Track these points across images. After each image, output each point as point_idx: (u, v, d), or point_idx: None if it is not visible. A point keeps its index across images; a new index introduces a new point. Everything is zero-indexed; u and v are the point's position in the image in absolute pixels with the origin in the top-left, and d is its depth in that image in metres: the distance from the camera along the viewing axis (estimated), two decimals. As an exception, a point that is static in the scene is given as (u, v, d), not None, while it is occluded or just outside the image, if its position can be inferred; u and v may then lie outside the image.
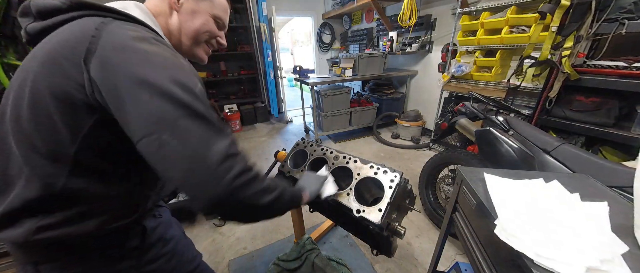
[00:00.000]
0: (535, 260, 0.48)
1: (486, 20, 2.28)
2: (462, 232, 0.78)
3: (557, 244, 0.50)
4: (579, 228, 0.54)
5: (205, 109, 0.46)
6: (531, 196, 0.65)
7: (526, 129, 1.34)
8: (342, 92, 3.41)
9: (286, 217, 2.01)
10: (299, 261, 1.43)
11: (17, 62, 1.62)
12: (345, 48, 4.92)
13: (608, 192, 0.73)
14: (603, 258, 0.47)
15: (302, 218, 1.56)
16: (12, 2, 1.49)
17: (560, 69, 1.64)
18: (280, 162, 1.15)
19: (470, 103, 1.71)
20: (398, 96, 3.75)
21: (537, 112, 1.83)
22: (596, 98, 1.65)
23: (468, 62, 2.55)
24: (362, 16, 4.46)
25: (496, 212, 0.60)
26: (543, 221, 0.56)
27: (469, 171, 0.79)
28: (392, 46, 3.47)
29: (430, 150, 3.13)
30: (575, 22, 1.55)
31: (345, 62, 3.37)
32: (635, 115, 1.53)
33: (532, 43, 1.80)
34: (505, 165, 1.27)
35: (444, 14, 3.00)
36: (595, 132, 1.64)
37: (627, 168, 0.97)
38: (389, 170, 0.86)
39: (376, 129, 3.65)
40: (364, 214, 0.78)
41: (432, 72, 3.27)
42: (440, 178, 1.85)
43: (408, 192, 0.91)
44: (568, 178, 0.76)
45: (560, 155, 1.15)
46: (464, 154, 1.62)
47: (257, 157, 3.20)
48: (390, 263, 1.58)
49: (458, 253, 1.62)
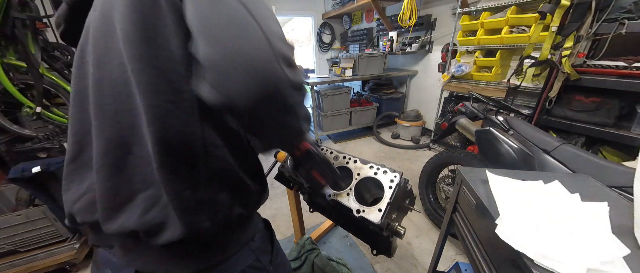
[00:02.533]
0: (536, 260, 0.48)
1: (486, 20, 2.28)
2: (462, 232, 0.78)
3: (558, 244, 0.50)
4: (580, 229, 0.54)
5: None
6: (532, 196, 0.65)
7: (526, 129, 1.34)
8: (342, 92, 3.41)
9: (286, 217, 2.02)
10: (299, 261, 1.43)
11: (17, 62, 1.62)
12: (345, 48, 4.92)
13: (608, 192, 0.73)
14: (604, 259, 0.47)
15: (302, 218, 1.56)
16: (12, 2, 1.49)
17: (560, 69, 1.64)
18: (280, 162, 1.14)
19: (470, 103, 1.71)
20: (398, 96, 3.75)
21: (537, 112, 1.83)
22: (596, 98, 1.65)
23: (468, 62, 2.55)
24: (362, 16, 4.46)
25: (498, 211, 0.60)
26: (543, 221, 0.56)
27: (469, 171, 0.79)
28: (392, 46, 3.47)
29: (430, 150, 3.13)
30: (575, 22, 1.55)
31: (345, 62, 3.37)
32: (635, 115, 1.53)
33: (532, 43, 1.80)
34: (505, 165, 1.27)
35: (444, 14, 3.00)
36: (595, 132, 1.64)
37: (627, 168, 0.97)
38: (389, 170, 0.86)
39: (376, 129, 3.65)
40: (363, 214, 0.78)
41: (432, 72, 3.27)
42: (440, 178, 1.85)
43: (408, 192, 0.91)
44: (568, 179, 0.76)
45: (560, 155, 1.15)
46: (464, 154, 1.62)
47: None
48: (390, 263, 1.58)
49: (458, 253, 1.62)
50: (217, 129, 0.45)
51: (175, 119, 0.40)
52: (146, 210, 0.43)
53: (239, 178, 0.50)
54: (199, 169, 0.43)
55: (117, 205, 0.44)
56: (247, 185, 0.51)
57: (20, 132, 1.71)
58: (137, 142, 0.42)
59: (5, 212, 1.47)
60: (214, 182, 0.46)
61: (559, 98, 1.75)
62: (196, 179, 0.43)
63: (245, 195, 0.52)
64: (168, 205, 0.43)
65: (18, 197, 1.55)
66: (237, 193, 0.50)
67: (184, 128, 0.41)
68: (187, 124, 0.41)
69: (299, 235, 1.57)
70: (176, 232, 0.43)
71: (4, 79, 1.57)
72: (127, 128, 0.42)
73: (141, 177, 0.43)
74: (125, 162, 0.43)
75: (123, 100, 0.41)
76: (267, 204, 2.21)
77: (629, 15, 1.43)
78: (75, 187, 0.48)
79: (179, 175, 0.42)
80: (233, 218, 0.49)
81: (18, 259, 1.40)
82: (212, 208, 0.46)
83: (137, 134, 0.42)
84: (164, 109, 0.39)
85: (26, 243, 1.43)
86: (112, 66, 0.40)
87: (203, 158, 0.43)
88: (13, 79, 1.62)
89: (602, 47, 1.60)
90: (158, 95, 0.38)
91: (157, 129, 0.39)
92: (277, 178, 1.12)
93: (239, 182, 0.50)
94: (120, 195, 0.43)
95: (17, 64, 1.62)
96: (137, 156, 0.43)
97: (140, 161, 0.43)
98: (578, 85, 1.67)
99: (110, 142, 0.42)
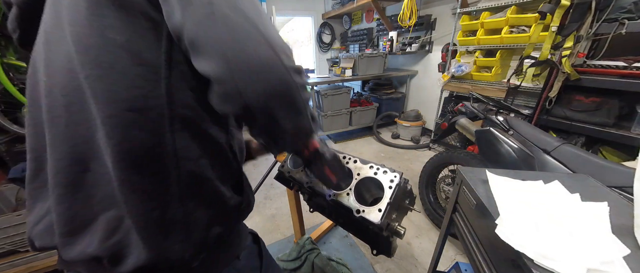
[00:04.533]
0: (536, 260, 0.48)
1: (486, 20, 2.28)
2: (462, 232, 0.78)
3: (558, 244, 0.50)
4: (580, 229, 0.54)
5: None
6: (532, 196, 0.65)
7: (526, 129, 1.34)
8: (342, 92, 3.41)
9: (286, 217, 2.02)
10: (299, 261, 1.43)
11: (17, 62, 1.62)
12: (345, 48, 4.92)
13: (608, 192, 0.72)
14: (604, 259, 0.47)
15: (302, 218, 1.56)
16: (12, 2, 1.49)
17: (560, 69, 1.64)
18: (280, 162, 1.14)
19: (470, 103, 1.71)
20: (398, 96, 3.75)
21: (537, 112, 1.83)
22: (596, 98, 1.65)
23: (468, 62, 2.55)
24: (362, 16, 4.46)
25: (498, 211, 0.60)
26: (543, 221, 0.56)
27: (469, 171, 0.79)
28: (392, 46, 3.47)
29: (430, 150, 3.13)
30: (575, 22, 1.55)
31: (345, 62, 3.37)
32: (635, 115, 1.53)
33: (532, 43, 1.80)
34: (505, 165, 1.27)
35: (444, 14, 3.00)
36: (595, 132, 1.64)
37: (627, 169, 0.97)
38: (388, 170, 0.86)
39: (376, 129, 3.65)
40: (363, 214, 0.78)
41: (432, 72, 3.26)
42: (440, 178, 1.85)
43: (408, 192, 0.91)
44: (568, 179, 0.76)
45: (560, 155, 1.14)
46: (464, 154, 1.62)
47: (257, 157, 3.20)
48: (390, 263, 1.58)
49: (458, 253, 1.61)
50: (194, 138, 0.41)
51: (139, 129, 0.36)
52: (109, 233, 0.38)
53: (218, 192, 0.45)
54: (169, 186, 0.39)
55: (75, 229, 0.39)
56: (226, 199, 0.47)
57: (20, 132, 1.71)
58: (94, 157, 0.38)
59: (5, 212, 1.46)
60: (187, 200, 0.41)
61: (559, 98, 1.75)
62: (165, 197, 0.39)
63: (225, 211, 0.47)
64: (131, 229, 0.38)
65: (18, 197, 1.55)
66: (215, 210, 0.45)
67: (150, 139, 0.37)
68: (155, 134, 0.37)
69: (299, 235, 1.57)
70: (141, 257, 0.38)
71: (4, 79, 1.57)
72: (81, 142, 0.37)
73: (101, 197, 0.39)
74: (82, 181, 0.38)
75: (75, 111, 0.37)
76: (267, 204, 2.21)
77: (629, 15, 1.43)
78: (39, 206, 0.43)
79: (145, 194, 0.38)
80: (210, 239, 0.45)
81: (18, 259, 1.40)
82: (185, 229, 0.41)
83: (93, 148, 0.37)
84: (126, 118, 0.35)
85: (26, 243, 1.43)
86: (63, 73, 0.36)
87: (174, 173, 0.39)
88: (13, 79, 1.62)
89: (602, 47, 1.60)
90: (118, 104, 0.35)
91: (118, 141, 0.35)
92: (277, 178, 1.12)
93: (217, 197, 0.46)
94: (79, 218, 0.39)
95: (17, 64, 1.63)
96: (96, 173, 0.38)
97: (100, 179, 0.38)
98: (578, 85, 1.67)
99: (64, 158, 0.38)
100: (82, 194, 0.39)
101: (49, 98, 0.38)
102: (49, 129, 0.39)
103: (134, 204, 0.37)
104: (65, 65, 0.36)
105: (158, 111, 0.37)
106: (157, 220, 0.39)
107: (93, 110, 0.35)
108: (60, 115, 0.37)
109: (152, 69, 0.36)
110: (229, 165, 0.49)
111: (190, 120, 0.40)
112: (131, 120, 0.35)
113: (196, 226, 0.43)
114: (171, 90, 0.38)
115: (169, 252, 0.40)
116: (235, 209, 0.49)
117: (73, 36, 0.34)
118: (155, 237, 0.39)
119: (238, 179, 0.53)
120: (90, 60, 0.34)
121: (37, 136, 0.42)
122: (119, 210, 0.39)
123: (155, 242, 0.39)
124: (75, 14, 0.34)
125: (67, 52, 0.35)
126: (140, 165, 0.37)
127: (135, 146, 0.36)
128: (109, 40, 0.34)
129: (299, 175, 1.00)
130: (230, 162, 0.49)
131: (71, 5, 0.35)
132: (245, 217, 0.55)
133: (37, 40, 0.42)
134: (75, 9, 0.34)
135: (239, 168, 0.53)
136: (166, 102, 0.37)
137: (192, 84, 0.40)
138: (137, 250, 0.39)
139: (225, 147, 0.47)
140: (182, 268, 0.43)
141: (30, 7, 0.43)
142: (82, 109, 0.36)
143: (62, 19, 0.36)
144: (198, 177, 0.42)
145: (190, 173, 0.41)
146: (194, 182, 0.42)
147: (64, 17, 0.35)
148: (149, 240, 0.38)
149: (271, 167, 1.28)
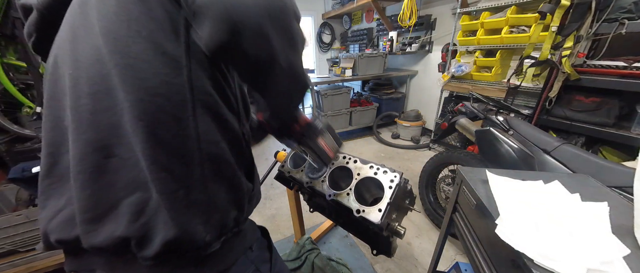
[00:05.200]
0: (536, 260, 0.48)
1: (486, 20, 2.28)
2: (462, 232, 0.78)
3: (558, 244, 0.50)
4: (580, 229, 0.54)
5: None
6: (532, 196, 0.65)
7: (526, 129, 1.34)
8: (342, 92, 3.41)
9: (286, 217, 2.02)
10: (299, 261, 1.43)
11: (17, 62, 1.62)
12: (345, 48, 4.92)
13: (608, 192, 0.73)
14: (604, 259, 0.47)
15: (302, 218, 1.56)
16: (12, 2, 1.49)
17: (560, 69, 1.64)
18: (280, 162, 1.14)
19: (470, 103, 1.71)
20: (398, 96, 3.75)
21: (537, 112, 1.83)
22: (596, 98, 1.65)
23: (468, 62, 2.55)
24: (362, 16, 4.46)
25: (498, 211, 0.60)
26: (543, 221, 0.56)
27: (469, 171, 0.79)
28: (392, 46, 3.47)
29: (430, 150, 3.13)
30: (575, 22, 1.55)
31: (345, 62, 3.37)
32: (635, 115, 1.53)
33: (532, 43, 1.80)
34: (505, 165, 1.27)
35: (444, 14, 3.00)
36: (595, 132, 1.64)
37: (627, 169, 0.97)
38: (388, 170, 0.86)
39: (376, 129, 3.65)
40: (363, 214, 0.78)
41: (432, 72, 3.26)
42: (440, 178, 1.85)
43: (408, 192, 0.91)
44: (568, 179, 0.76)
45: (560, 155, 1.15)
46: (464, 154, 1.62)
47: (256, 157, 3.19)
48: (390, 263, 1.58)
49: (458, 253, 1.61)
50: (214, 123, 0.44)
51: (166, 113, 0.39)
52: (136, 215, 0.40)
53: (236, 176, 0.48)
54: (193, 167, 0.41)
55: (99, 216, 0.40)
56: (242, 184, 0.50)
57: (20, 132, 1.71)
58: (119, 143, 0.39)
59: (5, 212, 1.46)
60: (209, 181, 0.43)
61: (559, 98, 1.75)
62: (190, 178, 0.41)
63: (241, 196, 0.50)
64: (157, 210, 0.40)
65: (18, 197, 1.55)
66: (232, 195, 0.48)
67: (176, 122, 0.39)
68: (179, 118, 0.39)
69: (299, 235, 1.57)
70: (169, 234, 0.40)
71: (4, 79, 1.57)
72: (106, 128, 0.39)
73: (125, 182, 0.40)
74: (106, 166, 0.40)
75: (101, 98, 0.39)
76: (267, 204, 2.21)
77: (629, 15, 1.43)
78: (53, 203, 0.44)
79: (171, 174, 0.40)
80: (229, 222, 0.47)
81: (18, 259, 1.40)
82: (207, 211, 0.43)
83: (119, 133, 0.39)
84: (154, 103, 0.38)
85: (26, 243, 1.43)
86: (90, 63, 0.39)
87: (197, 154, 0.41)
88: (13, 79, 1.62)
89: (602, 47, 1.60)
90: (147, 90, 0.37)
91: (148, 123, 0.38)
92: (277, 178, 1.12)
93: (235, 181, 0.48)
94: (102, 204, 0.40)
95: (17, 64, 1.63)
96: (121, 158, 0.40)
97: (124, 163, 0.40)
98: (578, 85, 1.67)
99: (89, 144, 0.39)
100: (105, 180, 0.40)
101: (74, 89, 0.40)
102: (73, 118, 0.40)
103: (163, 183, 0.39)
104: (93, 56, 0.38)
105: (181, 97, 0.39)
106: (182, 200, 0.41)
107: (120, 96, 0.37)
108: (86, 104, 0.39)
109: (174, 58, 0.39)
110: (242, 151, 0.52)
111: (210, 105, 0.43)
112: (159, 104, 0.38)
113: (217, 208, 0.45)
114: (191, 78, 0.40)
115: (193, 233, 0.42)
116: (247, 195, 0.52)
117: (102, 29, 0.37)
118: (181, 217, 0.41)
119: (250, 167, 0.56)
120: (119, 51, 0.37)
121: (54, 130, 0.43)
122: (144, 192, 0.40)
123: (181, 221, 0.41)
124: (104, 9, 0.37)
125: (94, 44, 0.38)
126: (167, 146, 0.39)
127: (162, 128, 0.39)
128: (134, 32, 0.37)
129: (299, 175, 1.00)
130: (244, 149, 0.52)
131: (100, 2, 0.38)
132: (255, 205, 0.57)
133: (59, 39, 0.44)
134: (104, 4, 0.37)
135: (250, 156, 0.56)
136: (188, 89, 0.40)
137: (209, 73, 0.42)
138: (164, 230, 0.40)
139: (240, 134, 0.50)
140: (203, 250, 0.44)
141: (53, 12, 0.44)
142: (109, 96, 0.38)
143: (91, 15, 0.38)
144: (219, 159, 0.45)
145: (212, 156, 0.43)
146: (215, 164, 0.44)
147: (92, 14, 0.38)
148: (176, 219, 0.40)
149: (271, 167, 1.28)
